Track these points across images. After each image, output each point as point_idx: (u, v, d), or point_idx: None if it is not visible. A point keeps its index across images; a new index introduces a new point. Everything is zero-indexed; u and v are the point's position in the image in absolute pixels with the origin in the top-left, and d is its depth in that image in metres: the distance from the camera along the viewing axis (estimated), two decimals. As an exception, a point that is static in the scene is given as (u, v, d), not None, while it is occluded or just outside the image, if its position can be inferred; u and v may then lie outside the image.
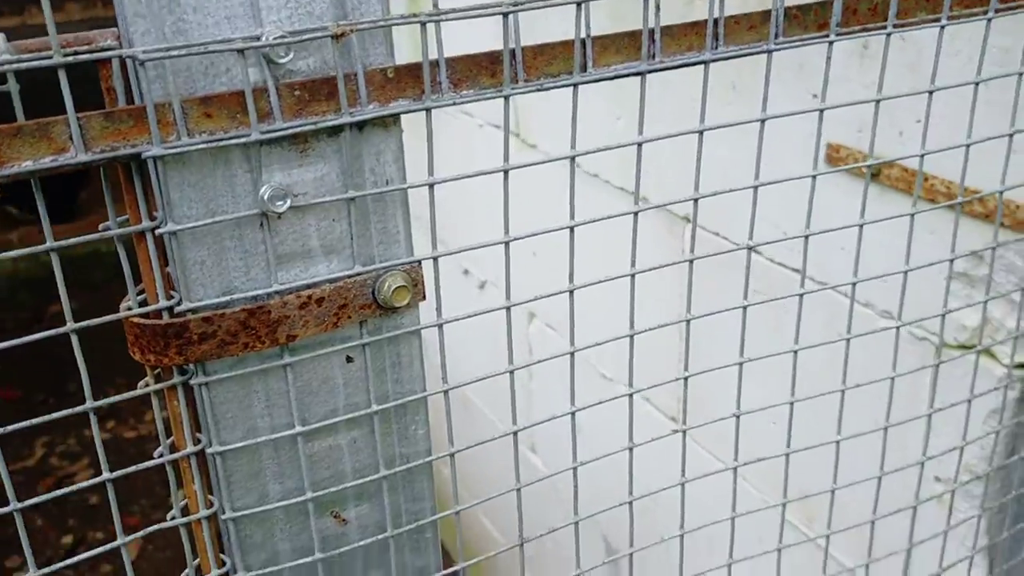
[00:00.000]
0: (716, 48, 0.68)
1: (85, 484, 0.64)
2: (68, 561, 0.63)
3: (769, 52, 0.69)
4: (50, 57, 0.53)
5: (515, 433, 0.69)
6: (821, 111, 0.75)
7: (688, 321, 0.73)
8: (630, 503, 0.73)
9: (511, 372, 0.68)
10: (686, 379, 0.75)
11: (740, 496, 0.91)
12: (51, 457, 4.20)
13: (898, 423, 0.87)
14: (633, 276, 0.71)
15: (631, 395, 0.72)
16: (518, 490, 0.69)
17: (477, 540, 3.30)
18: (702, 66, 0.67)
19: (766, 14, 0.69)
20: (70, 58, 0.53)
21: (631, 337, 0.71)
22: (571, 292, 0.69)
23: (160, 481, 3.90)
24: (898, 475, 0.91)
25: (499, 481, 2.85)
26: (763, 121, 0.73)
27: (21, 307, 5.46)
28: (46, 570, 0.61)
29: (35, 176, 0.53)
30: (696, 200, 0.72)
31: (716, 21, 0.67)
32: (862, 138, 1.33)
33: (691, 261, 0.73)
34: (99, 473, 0.62)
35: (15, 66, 0.53)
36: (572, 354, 0.70)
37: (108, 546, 0.65)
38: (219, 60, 0.56)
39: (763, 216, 1.43)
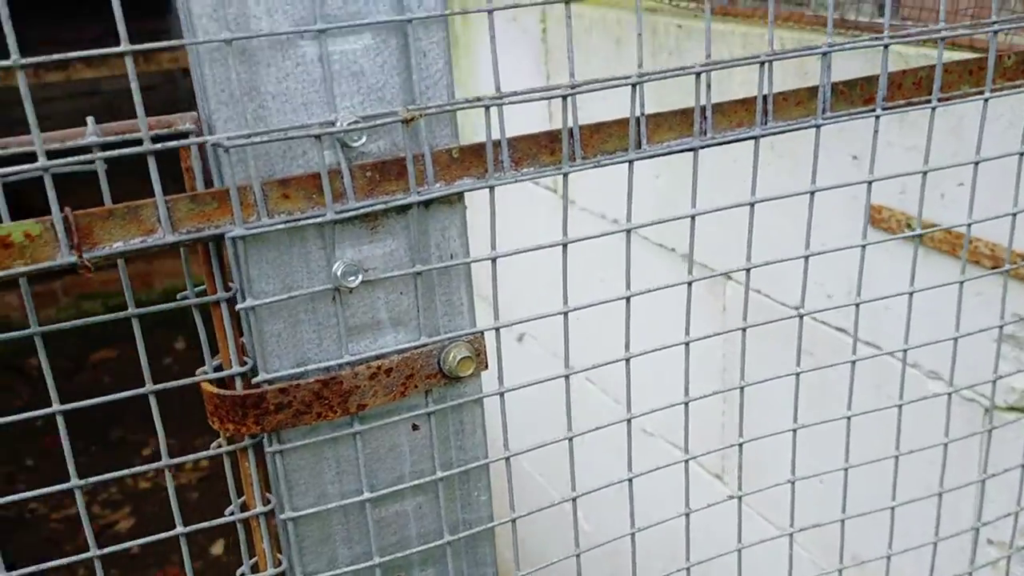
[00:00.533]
0: (766, 124, 0.70)
1: (158, 537, 0.66)
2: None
3: (817, 127, 0.71)
4: (140, 143, 0.56)
5: (574, 500, 0.70)
6: (869, 183, 0.77)
7: (741, 388, 0.74)
8: (687, 569, 0.74)
9: (570, 440, 0.69)
10: (741, 446, 0.76)
11: (787, 556, 0.91)
12: (93, 505, 4.24)
13: (952, 489, 0.87)
14: (687, 344, 0.73)
15: (687, 461, 0.73)
16: (577, 556, 0.70)
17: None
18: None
19: (813, 90, 0.71)
20: (159, 145, 0.56)
21: (686, 404, 0.73)
22: (627, 360, 0.71)
23: (200, 531, 3.91)
24: (952, 537, 0.91)
25: (541, 535, 2.83)
26: (812, 193, 0.75)
27: (62, 354, 5.54)
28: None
29: (125, 256, 0.56)
30: (748, 270, 0.73)
31: (765, 98, 0.69)
32: (904, 199, 1.34)
33: (744, 329, 0.75)
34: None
35: (106, 154, 0.56)
36: (629, 421, 0.72)
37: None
38: (296, 144, 0.59)
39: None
